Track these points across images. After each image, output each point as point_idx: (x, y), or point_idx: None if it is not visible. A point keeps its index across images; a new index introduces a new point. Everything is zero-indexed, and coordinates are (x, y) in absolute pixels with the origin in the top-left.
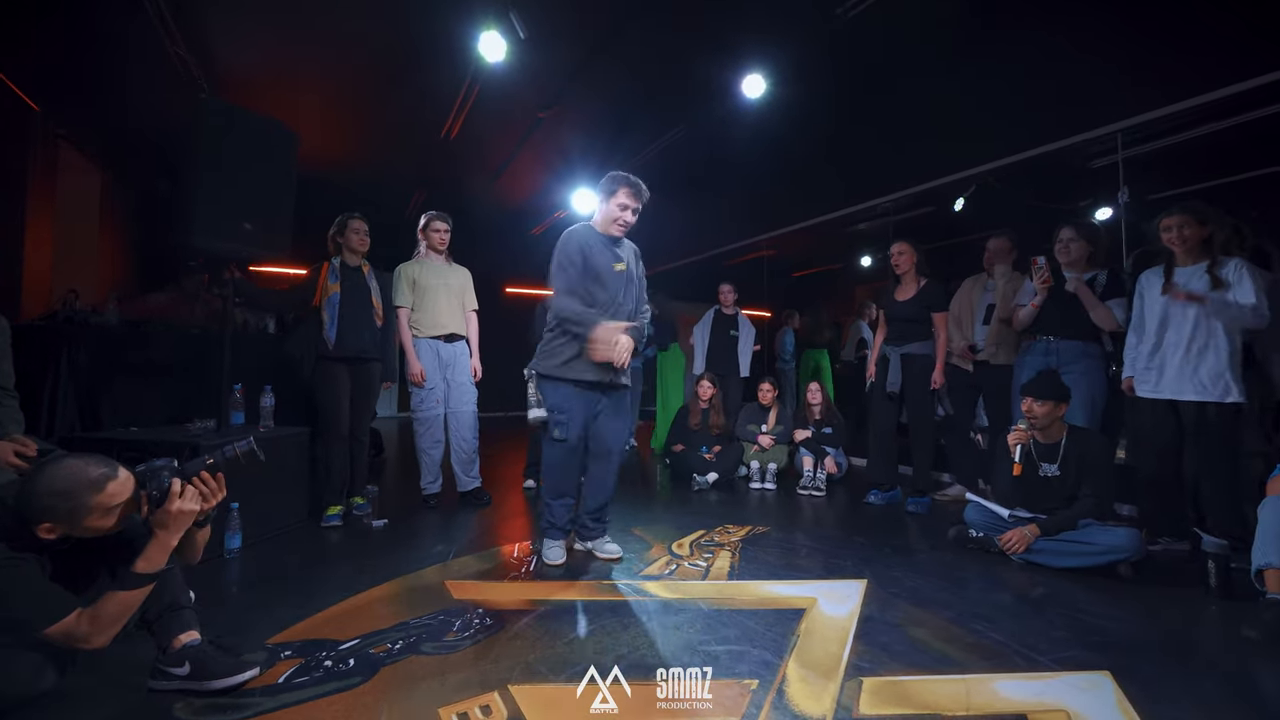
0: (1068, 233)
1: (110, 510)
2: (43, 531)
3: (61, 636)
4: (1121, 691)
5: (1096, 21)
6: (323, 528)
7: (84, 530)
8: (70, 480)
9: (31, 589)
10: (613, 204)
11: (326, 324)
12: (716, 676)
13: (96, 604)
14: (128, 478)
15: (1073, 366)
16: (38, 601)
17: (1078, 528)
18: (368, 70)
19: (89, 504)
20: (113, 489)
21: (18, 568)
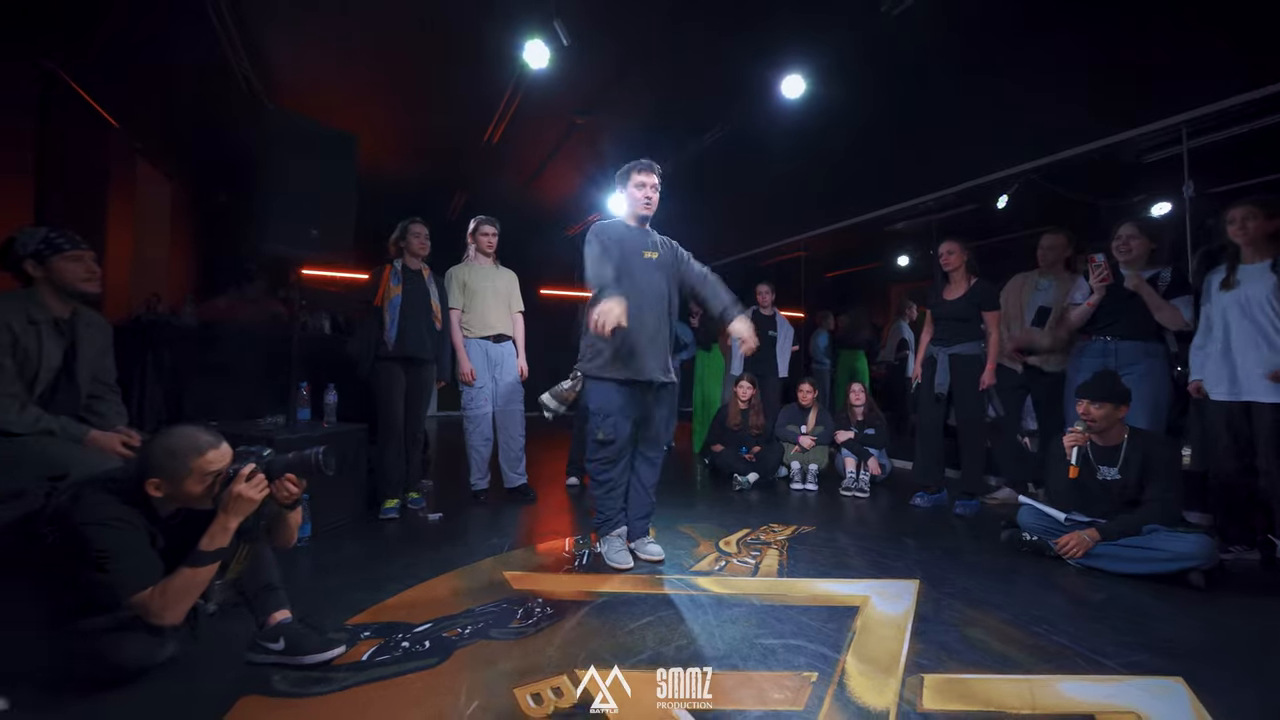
0: (1128, 229)
1: (205, 477)
2: (150, 487)
3: (139, 606)
4: (1196, 698)
5: (1154, 11)
6: (381, 520)
7: (184, 496)
8: (181, 441)
9: (134, 554)
10: (631, 189)
11: (388, 325)
12: (774, 669)
13: (168, 579)
14: (227, 452)
15: (1133, 367)
16: (133, 568)
17: (1142, 533)
18: (415, 78)
19: (189, 466)
20: (211, 456)
21: (126, 531)
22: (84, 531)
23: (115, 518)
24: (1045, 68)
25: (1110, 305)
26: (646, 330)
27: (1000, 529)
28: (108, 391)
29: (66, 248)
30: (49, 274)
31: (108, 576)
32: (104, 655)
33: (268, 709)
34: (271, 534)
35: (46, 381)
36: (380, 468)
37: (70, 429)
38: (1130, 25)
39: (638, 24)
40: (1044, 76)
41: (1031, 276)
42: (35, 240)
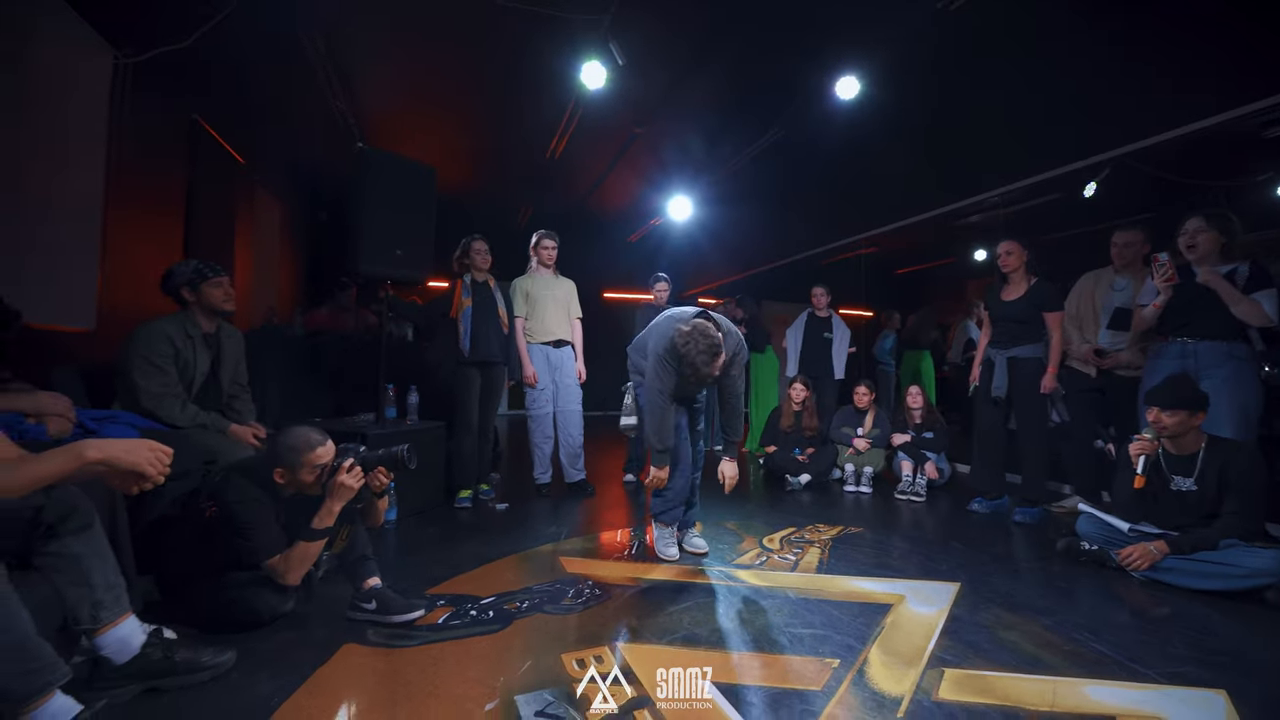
0: (1194, 223)
1: (314, 469)
2: (276, 475)
3: (270, 568)
4: (1235, 710)
5: None
6: (455, 508)
7: (298, 483)
8: (298, 439)
9: (268, 528)
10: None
11: (462, 334)
12: (799, 654)
13: (289, 550)
14: (331, 449)
15: (1216, 371)
16: (268, 537)
17: (1218, 548)
18: (484, 107)
19: (303, 459)
20: (320, 452)
21: (263, 508)
22: (233, 508)
23: (254, 498)
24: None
25: (1181, 305)
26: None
27: (1058, 537)
28: (242, 392)
29: (211, 275)
30: (199, 298)
31: (250, 544)
32: (248, 602)
33: (364, 655)
34: (364, 516)
35: (199, 385)
36: (457, 461)
37: (218, 423)
38: None
39: (689, 35)
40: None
41: (1106, 275)
42: (189, 271)
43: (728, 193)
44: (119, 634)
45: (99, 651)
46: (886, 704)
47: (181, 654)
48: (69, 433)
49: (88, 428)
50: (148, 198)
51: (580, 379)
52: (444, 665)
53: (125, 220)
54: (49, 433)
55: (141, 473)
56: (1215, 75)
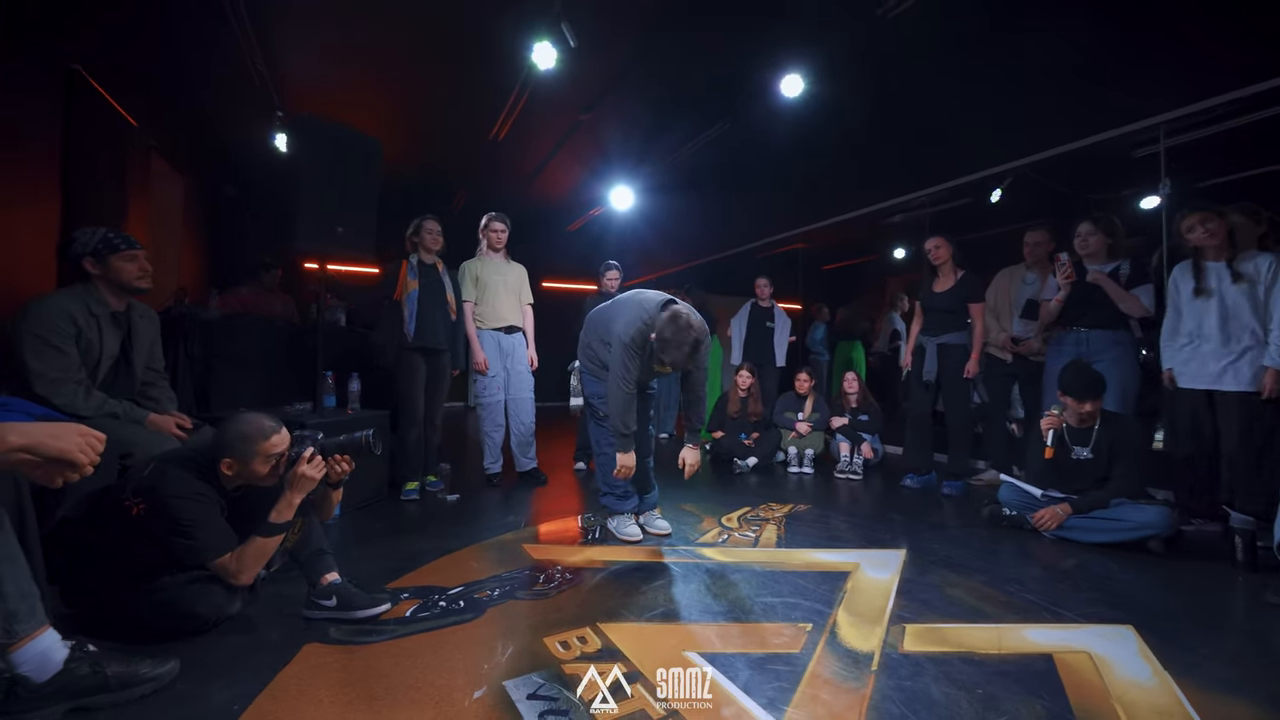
0: (1085, 227)
1: (269, 459)
2: (224, 467)
3: (219, 568)
4: (1143, 641)
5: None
6: (402, 500)
7: (250, 474)
8: (250, 426)
9: (214, 524)
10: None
11: (407, 318)
12: (774, 620)
13: (242, 546)
14: (285, 436)
15: (1104, 355)
16: (215, 535)
17: (1110, 506)
18: (425, 80)
19: (256, 449)
20: (275, 440)
21: (205, 504)
22: (170, 503)
23: (197, 492)
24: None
25: (1077, 299)
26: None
27: (983, 505)
28: (158, 378)
29: (123, 247)
30: (106, 272)
31: (192, 542)
32: (187, 604)
33: (330, 654)
34: (316, 508)
35: (107, 369)
36: (401, 452)
37: (132, 412)
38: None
39: (640, 24)
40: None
41: (1019, 270)
42: (94, 240)
43: (670, 183)
44: (37, 648)
45: (15, 669)
46: (860, 659)
47: (113, 667)
48: None
49: None
50: (16, 158)
51: (532, 366)
52: (420, 658)
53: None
54: None
55: (71, 461)
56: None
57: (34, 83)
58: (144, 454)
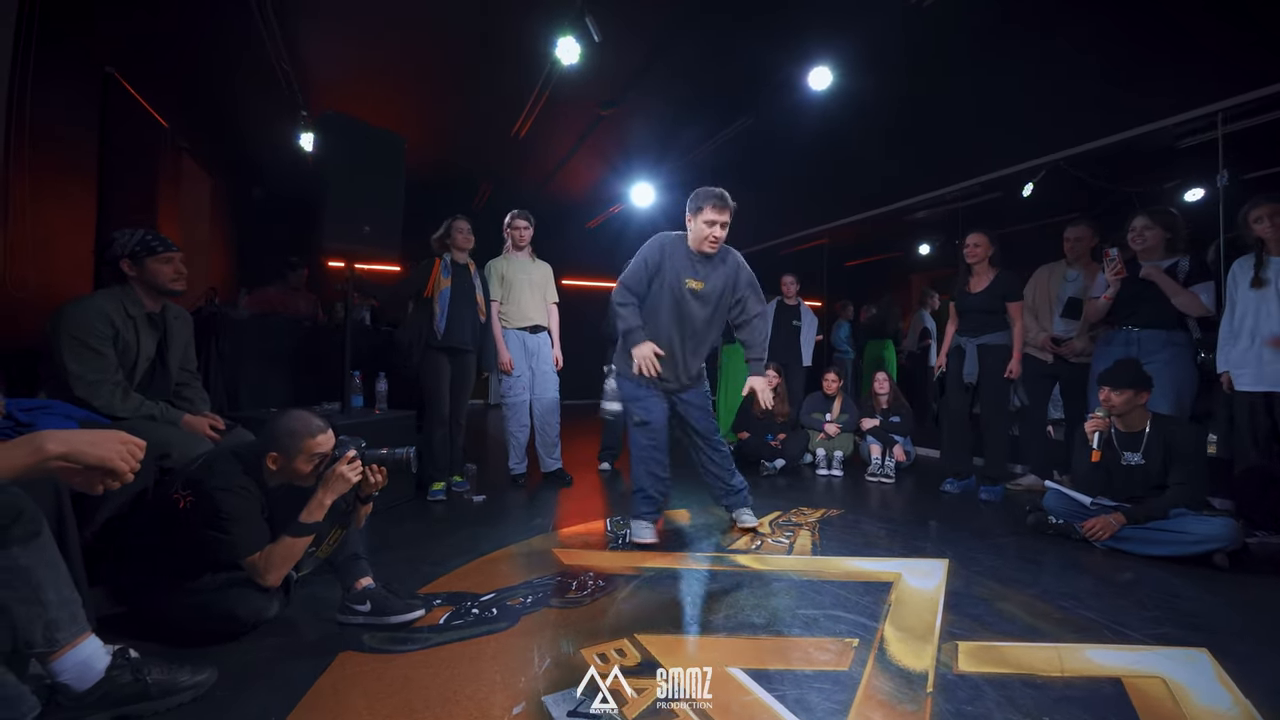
0: (1141, 221)
1: (312, 458)
2: (269, 461)
3: (250, 566)
4: (1220, 667)
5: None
6: (429, 501)
7: (292, 471)
8: (298, 423)
9: (252, 521)
10: (699, 222)
11: (437, 316)
12: (817, 635)
13: (271, 545)
14: (331, 437)
15: (1156, 356)
16: (249, 532)
17: (1169, 516)
18: (448, 77)
19: (301, 446)
20: (321, 439)
21: (250, 499)
22: (215, 495)
23: (241, 485)
24: (1073, 55)
25: (1128, 296)
26: (673, 356)
27: (1025, 513)
28: (192, 379)
29: (160, 250)
30: (142, 274)
31: (228, 537)
32: (227, 606)
33: (366, 662)
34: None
35: (144, 370)
36: (428, 452)
37: (167, 413)
38: (1164, 10)
39: (665, 18)
40: (1072, 64)
41: (1059, 267)
42: (133, 242)
43: (692, 180)
44: (79, 656)
45: (56, 678)
46: (914, 680)
47: (154, 675)
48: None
49: (20, 420)
50: (55, 162)
51: (557, 366)
52: (457, 669)
53: (29, 186)
54: None
55: (110, 468)
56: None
57: (70, 85)
58: (180, 454)
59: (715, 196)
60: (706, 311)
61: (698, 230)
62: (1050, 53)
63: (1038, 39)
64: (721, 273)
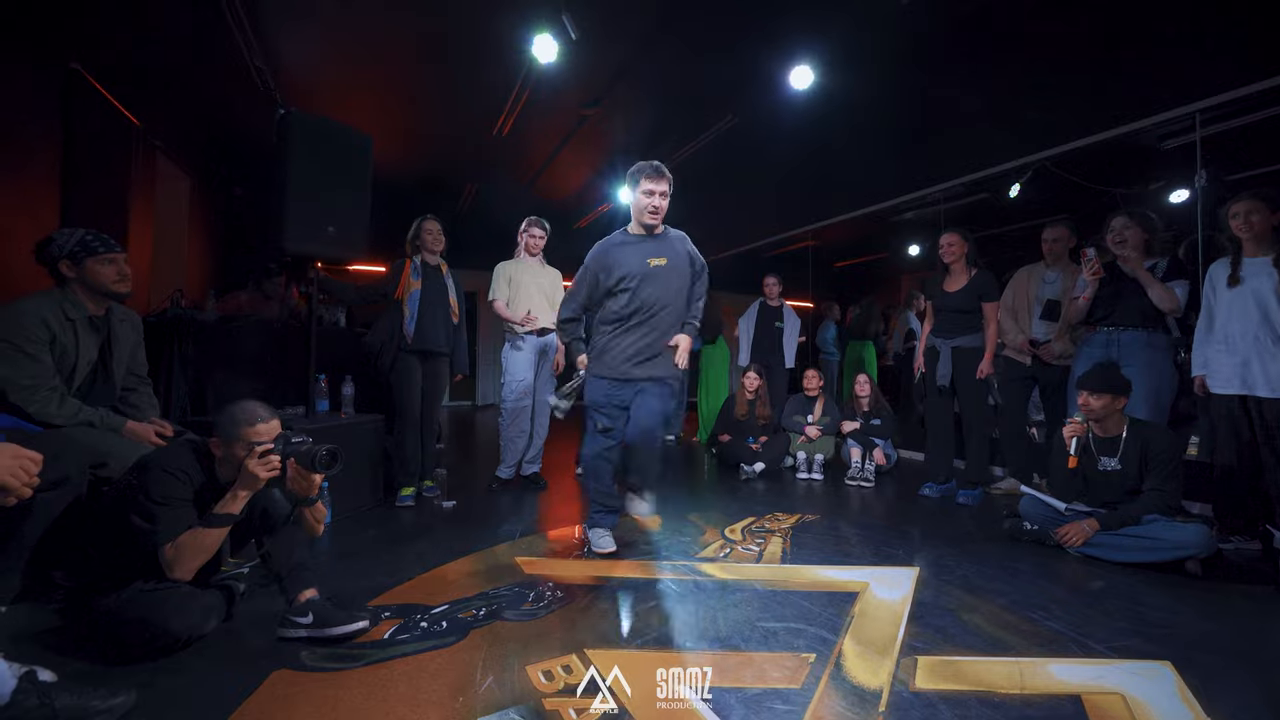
0: (1120, 220)
1: (248, 446)
2: (213, 445)
3: (161, 557)
4: (1183, 681)
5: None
6: (397, 507)
7: (233, 458)
8: (242, 411)
9: (179, 509)
10: (638, 194)
11: (407, 318)
12: (774, 650)
13: (181, 537)
14: (275, 428)
15: (1135, 358)
16: (173, 518)
17: (1142, 523)
18: (425, 74)
19: (240, 433)
20: (260, 428)
21: (183, 484)
22: (152, 473)
23: (181, 469)
24: (1056, 56)
25: (1107, 296)
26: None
27: (1003, 518)
28: (140, 384)
29: (101, 250)
30: (82, 275)
31: (150, 525)
32: (162, 620)
33: (298, 682)
34: (302, 525)
35: (84, 375)
36: (397, 457)
37: (108, 420)
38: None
39: (645, 16)
40: (1055, 65)
41: (1038, 269)
42: (71, 242)
43: (677, 179)
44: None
45: None
46: (867, 698)
47: (63, 700)
48: None
49: None
50: (14, 158)
51: (556, 370)
52: (393, 687)
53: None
54: None
55: (1, 485)
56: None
57: (31, 82)
58: (119, 463)
59: (650, 167)
60: (677, 282)
61: (638, 202)
62: (1032, 50)
63: (1022, 36)
64: (674, 248)
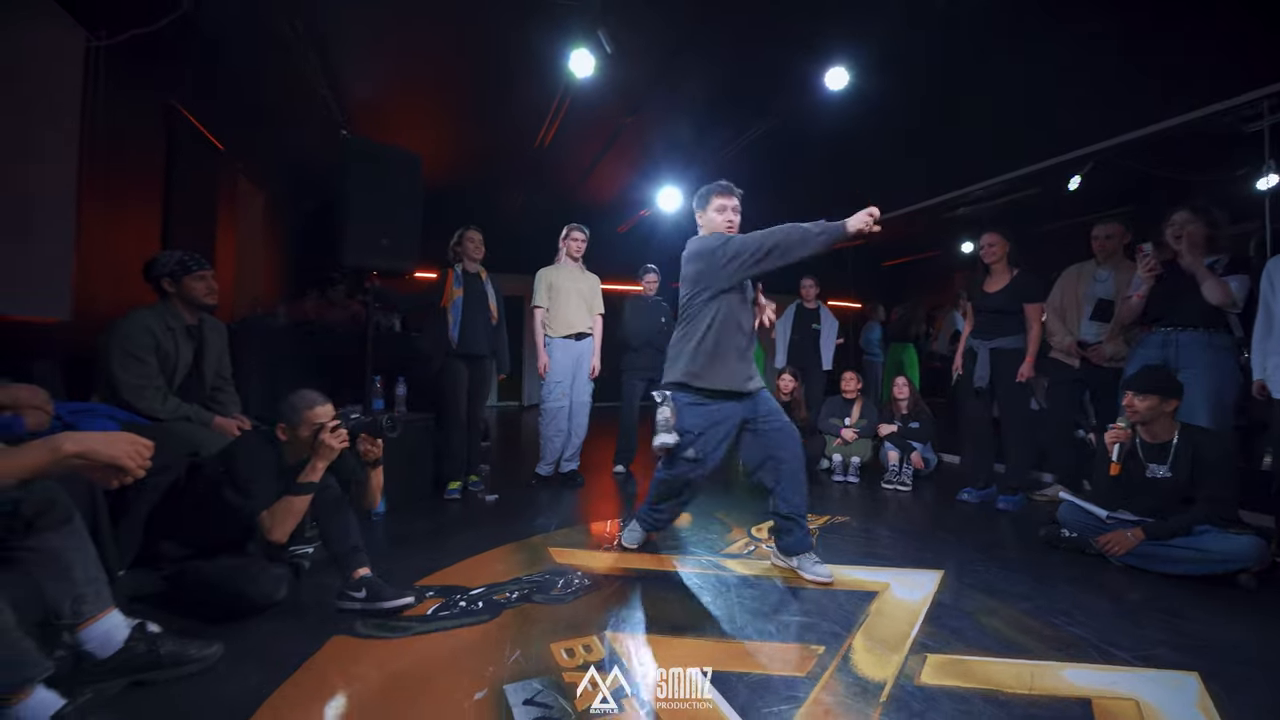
0: (1182, 215)
1: (311, 427)
2: (279, 431)
3: (260, 523)
4: (1208, 693)
5: None
6: (445, 499)
7: (298, 440)
8: (301, 398)
9: (267, 482)
10: (711, 213)
11: (451, 325)
12: (785, 641)
13: (275, 505)
14: (330, 410)
15: (1195, 361)
16: (264, 491)
17: (1193, 533)
18: (471, 94)
19: (301, 417)
20: (319, 410)
21: (265, 463)
22: (236, 461)
23: (257, 449)
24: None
25: (1164, 295)
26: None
27: (1041, 526)
28: (226, 385)
29: (195, 269)
30: (180, 290)
31: (244, 496)
32: (240, 587)
33: (353, 646)
34: (359, 496)
35: (181, 377)
36: (445, 453)
37: (201, 415)
38: None
39: (678, 25)
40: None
41: (1088, 267)
42: (171, 262)
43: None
44: (101, 628)
45: (82, 646)
46: (870, 689)
47: (167, 647)
48: (47, 425)
49: (65, 420)
50: (124, 186)
51: (593, 374)
52: (433, 656)
53: (101, 209)
54: (26, 425)
55: (120, 466)
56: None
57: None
58: (209, 453)
59: (721, 185)
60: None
61: (712, 221)
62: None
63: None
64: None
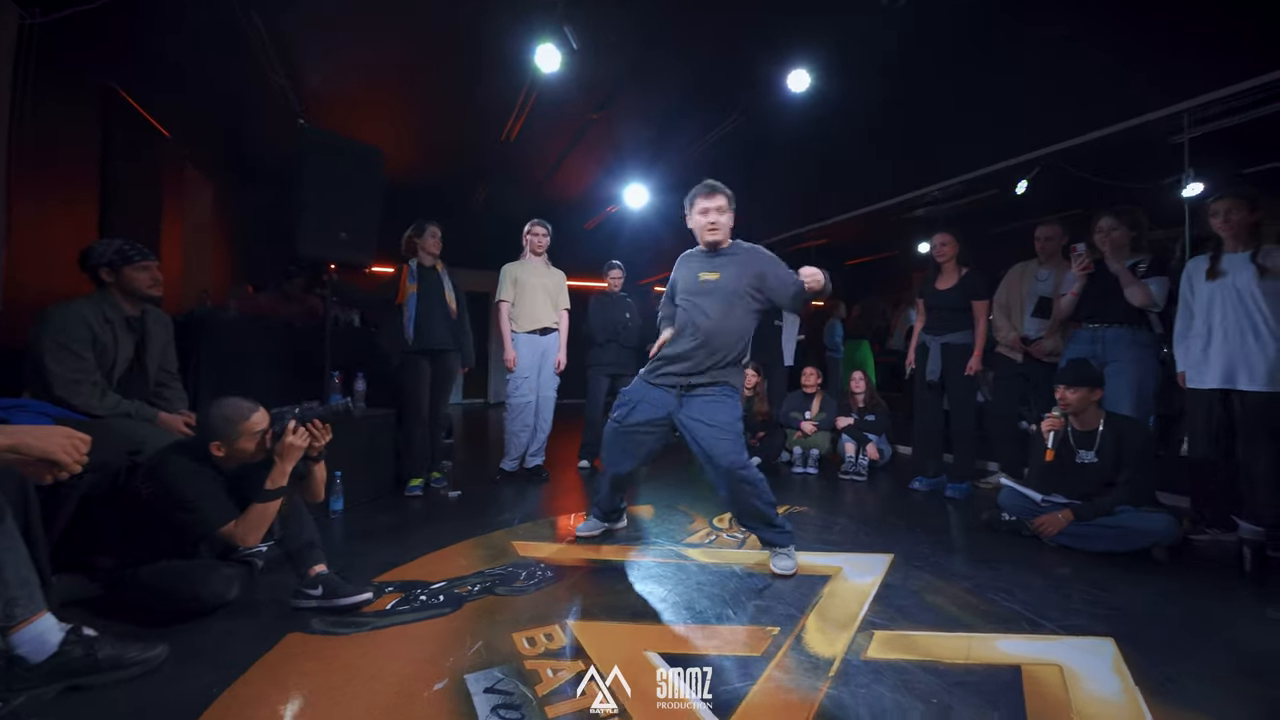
0: (1107, 221)
1: (253, 436)
2: (214, 448)
3: (227, 535)
4: (1121, 655)
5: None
6: (406, 496)
7: (239, 452)
8: (231, 409)
9: (215, 498)
10: (694, 215)
11: (406, 321)
12: (743, 624)
13: (245, 514)
14: (265, 414)
15: (1121, 355)
16: (216, 508)
17: (1114, 514)
18: (434, 85)
19: (240, 429)
20: (255, 419)
21: (205, 479)
22: (172, 484)
23: (193, 471)
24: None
25: (1095, 293)
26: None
27: (983, 511)
28: (171, 379)
29: (136, 259)
30: (120, 281)
31: (196, 516)
32: (191, 588)
33: (309, 643)
34: (304, 490)
35: (121, 371)
36: (407, 450)
37: (143, 411)
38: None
39: (643, 23)
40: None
41: (1031, 266)
42: (110, 251)
43: (684, 180)
44: (34, 631)
45: (14, 650)
46: (820, 665)
47: (105, 651)
48: None
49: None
50: (57, 171)
51: (558, 369)
52: (390, 649)
53: (32, 195)
54: None
55: (55, 460)
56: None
57: (71, 100)
58: (152, 450)
59: (703, 186)
60: (721, 302)
61: (696, 224)
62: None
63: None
64: (736, 262)
